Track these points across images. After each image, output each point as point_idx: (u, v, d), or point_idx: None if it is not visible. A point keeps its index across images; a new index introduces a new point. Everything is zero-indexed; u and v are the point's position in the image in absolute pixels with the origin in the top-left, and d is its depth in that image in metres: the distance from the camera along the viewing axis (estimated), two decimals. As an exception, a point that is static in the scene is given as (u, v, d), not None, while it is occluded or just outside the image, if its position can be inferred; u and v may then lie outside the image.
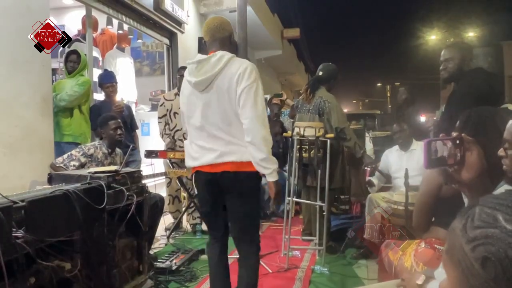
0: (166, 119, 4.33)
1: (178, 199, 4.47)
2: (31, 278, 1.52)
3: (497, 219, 0.58)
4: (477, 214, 0.61)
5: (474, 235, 0.59)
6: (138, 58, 7.21)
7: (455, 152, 1.11)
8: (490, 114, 1.45)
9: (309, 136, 3.46)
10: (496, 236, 0.57)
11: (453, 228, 0.64)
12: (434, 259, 1.69)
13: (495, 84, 2.44)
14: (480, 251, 0.58)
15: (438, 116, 3.77)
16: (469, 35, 16.53)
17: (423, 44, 21.99)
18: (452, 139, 1.11)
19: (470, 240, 0.59)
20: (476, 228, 0.60)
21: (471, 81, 2.44)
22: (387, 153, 3.78)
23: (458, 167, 1.12)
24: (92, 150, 3.03)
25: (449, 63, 2.62)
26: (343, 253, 3.57)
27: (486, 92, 2.32)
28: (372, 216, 3.29)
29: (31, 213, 1.51)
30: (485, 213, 0.60)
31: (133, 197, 2.19)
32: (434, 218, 1.72)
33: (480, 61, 4.35)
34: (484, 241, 0.58)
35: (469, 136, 1.12)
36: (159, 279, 2.80)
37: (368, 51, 48.38)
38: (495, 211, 0.60)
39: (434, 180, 1.57)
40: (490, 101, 2.19)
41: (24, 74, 3.25)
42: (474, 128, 1.27)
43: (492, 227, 0.58)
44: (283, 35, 12.08)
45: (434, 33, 20.66)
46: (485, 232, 0.58)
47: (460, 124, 1.42)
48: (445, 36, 19.15)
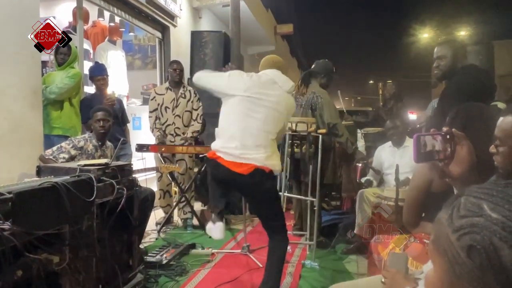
0: (157, 114, 4.29)
1: (169, 193, 4.45)
2: (18, 271, 1.50)
3: (482, 208, 0.59)
4: (462, 203, 0.62)
5: (459, 224, 0.60)
6: (129, 52, 7.16)
7: (445, 147, 1.11)
8: (478, 110, 1.46)
9: (301, 131, 3.46)
10: (481, 225, 0.57)
11: (439, 218, 0.64)
12: (423, 254, 1.70)
13: (487, 80, 2.45)
14: (465, 240, 0.58)
15: (429, 109, 3.79)
16: (460, 34, 16.64)
17: (415, 42, 22.12)
18: (443, 133, 1.11)
19: (456, 229, 0.60)
20: (462, 218, 0.60)
21: (464, 77, 2.45)
22: (379, 150, 3.79)
23: (448, 161, 1.12)
24: (82, 143, 2.99)
25: (442, 60, 2.59)
26: (334, 248, 3.59)
27: (478, 88, 2.33)
28: (361, 217, 3.30)
29: (19, 205, 1.49)
30: (470, 202, 0.61)
31: (123, 191, 2.17)
32: (424, 213, 1.73)
33: (472, 59, 4.37)
34: (469, 230, 0.58)
35: (459, 132, 1.13)
36: (149, 273, 2.79)
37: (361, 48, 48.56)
38: (480, 200, 0.60)
39: (425, 175, 1.58)
40: (482, 97, 2.20)
41: (13, 65, 3.20)
42: (462, 124, 1.28)
43: (477, 216, 0.59)
44: (276, 31, 12.06)
45: (427, 31, 20.79)
46: (471, 221, 0.59)
47: (448, 119, 1.42)
48: (437, 34, 19.27)
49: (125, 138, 4.13)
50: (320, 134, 3.44)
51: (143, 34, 6.99)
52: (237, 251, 3.41)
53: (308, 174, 3.50)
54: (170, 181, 4.32)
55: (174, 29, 6.47)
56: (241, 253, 3.36)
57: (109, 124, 3.18)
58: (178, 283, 2.78)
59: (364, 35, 53.95)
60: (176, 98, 4.29)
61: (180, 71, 4.37)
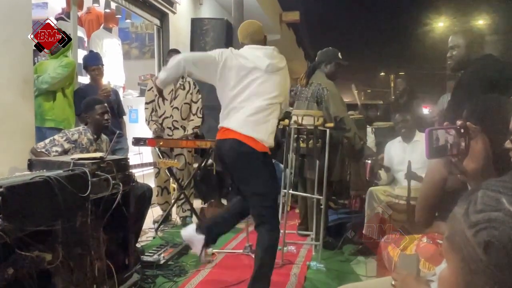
0: (154, 105, 4.29)
1: (167, 190, 4.46)
2: (9, 269, 1.52)
3: (500, 202, 0.59)
4: (479, 198, 0.61)
5: (476, 219, 0.59)
6: (126, 40, 7.15)
7: (459, 141, 1.11)
8: (496, 103, 1.46)
9: (307, 125, 3.45)
10: (499, 220, 0.57)
11: (455, 214, 0.64)
12: (436, 255, 1.70)
13: (505, 71, 2.43)
14: (482, 236, 0.58)
15: (440, 104, 3.77)
16: (478, 23, 16.53)
17: (430, 31, 21.95)
18: (456, 127, 1.10)
19: (473, 224, 0.60)
20: (479, 212, 0.60)
21: (480, 68, 2.43)
22: (389, 145, 3.78)
23: (462, 157, 1.12)
24: (76, 136, 3.00)
25: (455, 50, 2.60)
26: (341, 249, 3.58)
27: (495, 79, 2.31)
28: (371, 216, 3.30)
29: (9, 200, 1.50)
30: (488, 196, 0.61)
31: (119, 186, 2.18)
32: (438, 212, 1.72)
33: (489, 50, 4.35)
34: (487, 225, 0.58)
35: (474, 125, 1.12)
36: (146, 273, 2.80)
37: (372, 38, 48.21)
38: (498, 194, 0.60)
39: (439, 172, 1.57)
40: (500, 89, 2.18)
41: (3, 53, 3.20)
42: (480, 117, 1.27)
43: (495, 210, 0.58)
44: (281, 19, 12.00)
45: (442, 20, 20.62)
46: (488, 216, 0.58)
47: (467, 112, 1.42)
48: (454, 23, 19.12)
49: (121, 131, 4.14)
50: (328, 128, 3.42)
51: (140, 21, 6.98)
52: (239, 251, 3.42)
53: (315, 171, 3.49)
54: (168, 177, 4.33)
55: (174, 16, 6.45)
56: (243, 254, 3.37)
57: (109, 116, 3.21)
58: (176, 284, 2.80)
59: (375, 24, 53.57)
60: (175, 89, 4.29)
61: (179, 60, 4.36)
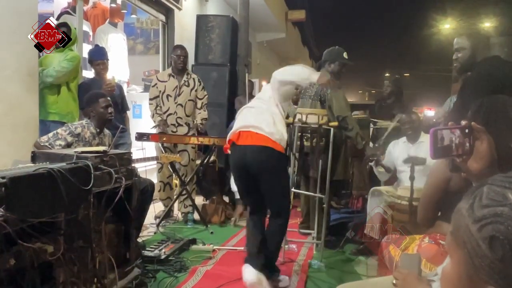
0: (158, 101, 4.30)
1: (170, 186, 4.47)
2: (10, 260, 1.52)
3: (506, 197, 0.59)
4: (485, 193, 0.61)
5: (481, 214, 0.59)
6: (131, 35, 7.16)
7: (464, 141, 1.10)
8: (502, 103, 1.44)
9: (311, 123, 3.45)
10: (505, 214, 0.57)
11: (459, 209, 0.64)
12: (438, 255, 1.69)
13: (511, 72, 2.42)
14: (487, 230, 0.58)
15: (446, 105, 3.76)
16: (485, 25, 16.44)
17: (436, 33, 21.83)
18: (461, 127, 1.10)
19: (477, 219, 0.59)
20: (484, 207, 0.60)
21: (486, 69, 2.43)
22: (393, 145, 3.77)
23: (466, 157, 1.11)
24: (79, 129, 3.01)
25: (460, 52, 2.60)
26: (342, 249, 3.59)
27: (502, 81, 2.30)
28: (372, 216, 3.30)
29: (12, 191, 1.50)
30: (493, 191, 0.61)
31: (121, 180, 2.18)
32: (440, 213, 1.72)
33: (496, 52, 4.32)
34: (492, 220, 0.58)
35: (479, 126, 1.12)
36: (147, 268, 2.82)
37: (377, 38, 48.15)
38: (504, 189, 0.60)
39: (442, 172, 1.56)
40: (506, 90, 2.17)
41: (9, 45, 3.21)
42: (485, 117, 1.27)
43: (501, 205, 0.58)
44: (287, 17, 12.00)
45: (448, 21, 20.50)
46: (494, 211, 0.58)
47: (471, 112, 1.41)
48: (460, 25, 19.02)
49: (125, 126, 4.15)
50: (332, 127, 3.42)
51: (146, 17, 6.98)
52: (240, 248, 3.42)
53: (318, 169, 3.49)
54: (171, 173, 4.34)
55: (179, 12, 6.45)
56: (244, 251, 3.37)
57: (113, 110, 3.21)
58: (177, 280, 2.80)
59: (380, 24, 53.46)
60: (179, 86, 4.29)
61: (184, 57, 4.37)
